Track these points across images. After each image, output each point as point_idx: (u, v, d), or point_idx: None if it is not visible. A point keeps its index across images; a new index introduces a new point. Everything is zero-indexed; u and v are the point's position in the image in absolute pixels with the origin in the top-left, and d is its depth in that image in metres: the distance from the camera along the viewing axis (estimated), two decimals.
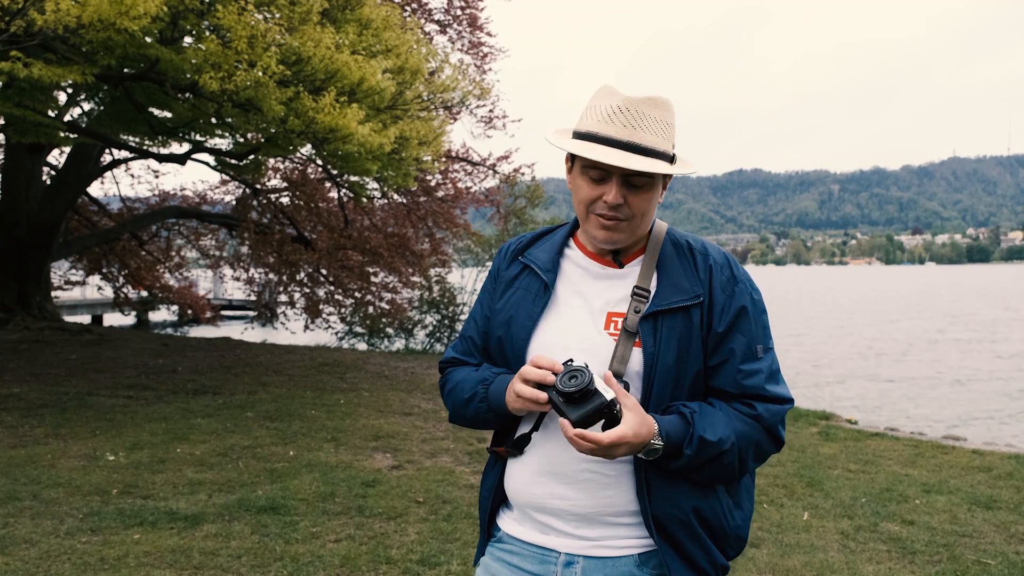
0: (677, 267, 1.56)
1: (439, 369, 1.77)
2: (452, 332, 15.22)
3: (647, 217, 1.55)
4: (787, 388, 1.56)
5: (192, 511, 4.41)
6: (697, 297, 1.52)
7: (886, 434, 7.19)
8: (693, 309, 1.52)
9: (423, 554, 3.91)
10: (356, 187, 11.35)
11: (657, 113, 1.49)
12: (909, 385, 15.24)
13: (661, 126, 1.49)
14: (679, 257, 1.58)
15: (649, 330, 1.50)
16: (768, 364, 1.54)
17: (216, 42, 6.18)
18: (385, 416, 7.10)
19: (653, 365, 1.49)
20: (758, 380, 1.52)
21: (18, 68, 5.72)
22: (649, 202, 1.53)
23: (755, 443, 1.51)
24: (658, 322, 1.50)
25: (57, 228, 12.65)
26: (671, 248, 1.59)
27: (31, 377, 8.29)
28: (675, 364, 1.50)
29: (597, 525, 1.53)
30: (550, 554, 1.55)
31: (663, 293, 1.53)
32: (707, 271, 1.55)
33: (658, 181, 1.53)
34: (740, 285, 1.55)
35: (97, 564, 3.69)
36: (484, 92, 9.71)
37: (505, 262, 1.70)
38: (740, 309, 1.53)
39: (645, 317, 1.50)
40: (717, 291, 1.53)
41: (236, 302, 24.52)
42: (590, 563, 1.52)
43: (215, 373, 9.05)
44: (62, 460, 5.38)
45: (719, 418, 1.48)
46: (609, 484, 1.51)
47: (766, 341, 1.56)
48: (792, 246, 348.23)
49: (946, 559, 4.06)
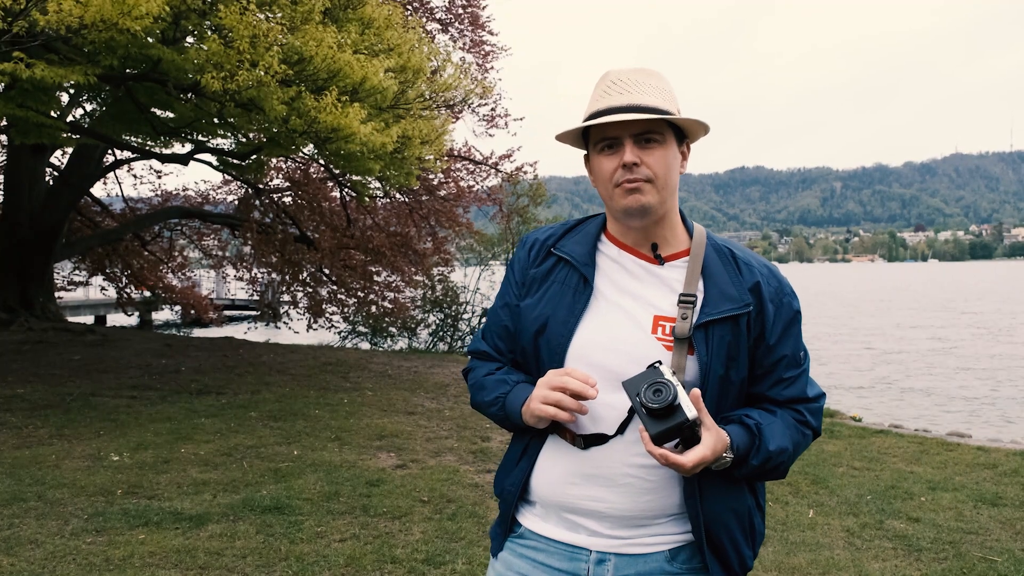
0: (723, 274, 1.53)
1: (469, 354, 1.75)
2: (455, 331, 15.23)
3: (669, 179, 1.51)
4: (816, 384, 1.61)
5: (197, 511, 4.41)
6: (747, 306, 1.51)
7: (890, 431, 7.17)
8: (742, 318, 1.51)
9: (428, 553, 3.91)
10: (358, 186, 11.35)
11: (650, 80, 1.51)
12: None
13: (657, 90, 1.50)
14: (723, 263, 1.56)
15: (702, 339, 1.48)
16: (806, 369, 1.59)
17: (218, 42, 6.18)
18: (389, 415, 7.10)
19: (707, 375, 1.48)
20: (800, 386, 1.56)
21: (20, 69, 5.72)
22: (665, 160, 1.50)
23: (803, 445, 1.58)
24: (709, 331, 1.48)
25: (60, 229, 12.66)
26: (713, 254, 1.57)
27: (35, 378, 8.30)
28: (724, 374, 1.50)
29: (629, 527, 1.51)
30: (580, 552, 1.53)
31: (713, 301, 1.50)
32: (753, 280, 1.54)
33: (670, 140, 1.51)
34: (787, 296, 1.57)
35: (102, 564, 3.69)
36: (486, 91, 9.71)
37: (534, 255, 1.64)
38: (790, 319, 1.56)
39: (699, 326, 1.48)
40: (767, 302, 1.53)
41: (239, 302, 24.54)
42: (622, 560, 1.51)
43: (218, 373, 9.05)
44: (66, 461, 5.39)
45: (779, 428, 1.52)
46: (651, 489, 1.50)
47: (805, 349, 1.60)
48: (794, 244, 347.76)
49: (952, 556, 4.05)
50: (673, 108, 1.51)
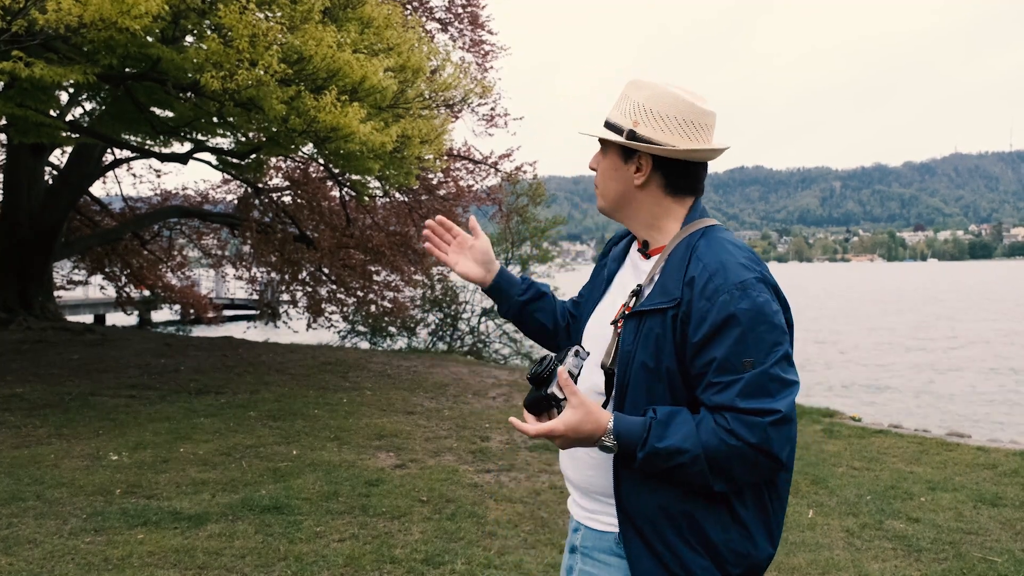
0: (675, 268, 1.55)
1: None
2: (454, 330, 15.23)
3: (607, 187, 1.69)
4: (778, 400, 1.43)
5: (196, 511, 4.40)
6: (673, 301, 1.51)
7: (890, 431, 7.17)
8: (669, 311, 1.51)
9: (427, 553, 3.90)
10: (358, 186, 11.33)
11: (631, 92, 1.63)
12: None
13: (628, 103, 1.62)
14: (680, 258, 1.56)
15: (632, 328, 1.56)
16: (754, 377, 1.43)
17: (217, 41, 6.17)
18: (388, 415, 7.09)
19: (629, 362, 1.54)
20: (729, 394, 1.44)
21: (20, 68, 5.71)
22: (605, 172, 1.68)
23: (736, 457, 1.43)
24: (641, 321, 1.55)
25: (59, 228, 12.64)
26: (680, 248, 1.58)
27: (34, 377, 8.30)
28: (652, 364, 1.51)
29: (589, 499, 1.66)
30: (571, 520, 1.74)
31: (652, 293, 1.57)
32: (690, 276, 1.51)
33: (613, 152, 1.65)
34: (725, 295, 1.46)
35: (101, 564, 3.69)
36: (486, 90, 9.69)
37: (601, 252, 1.88)
38: (724, 319, 1.45)
39: (631, 315, 1.57)
40: (697, 298, 1.48)
41: (238, 301, 24.53)
42: (588, 533, 1.66)
43: (218, 372, 9.05)
44: (65, 460, 5.38)
45: (683, 428, 1.45)
46: (593, 464, 1.62)
47: (759, 355, 1.44)
48: (794, 243, 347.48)
49: (952, 557, 4.05)
50: (628, 119, 1.61)
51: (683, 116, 1.58)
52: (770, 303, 1.49)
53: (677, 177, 1.63)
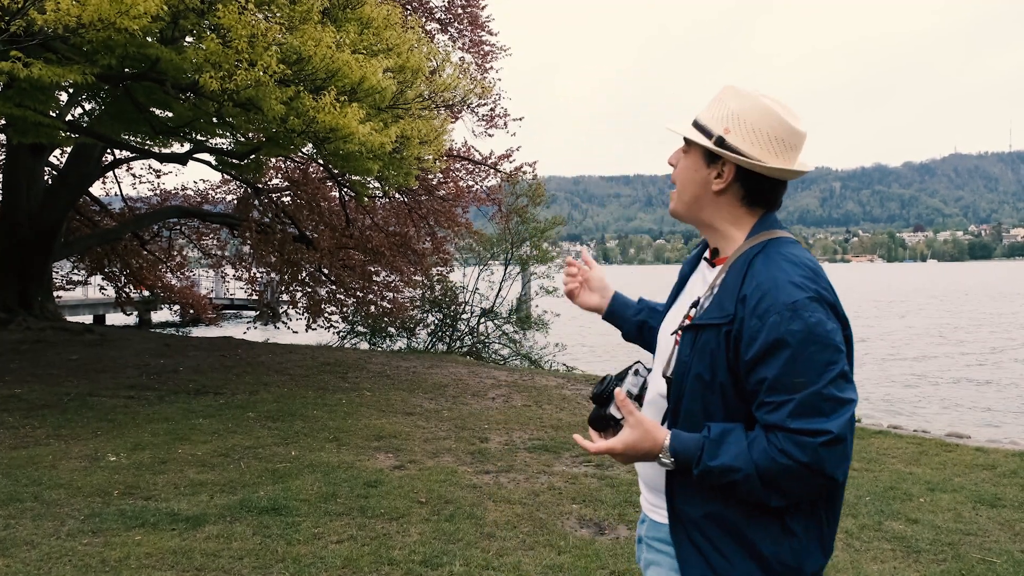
0: (731, 284, 1.55)
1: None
2: (454, 331, 15.20)
3: (685, 188, 1.67)
4: (831, 420, 1.42)
5: (194, 512, 4.39)
6: (727, 318, 1.51)
7: (889, 432, 7.16)
8: (723, 328, 1.52)
9: (425, 555, 3.90)
10: (357, 186, 11.33)
11: (728, 98, 1.61)
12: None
13: (723, 108, 1.61)
14: (738, 272, 1.56)
15: (689, 340, 1.57)
16: (806, 397, 1.43)
17: (216, 41, 6.17)
18: (387, 416, 7.08)
19: (684, 374, 1.56)
20: (780, 414, 1.44)
21: (18, 68, 5.70)
22: (685, 171, 1.66)
23: (789, 476, 1.44)
24: (698, 334, 1.56)
25: (59, 228, 12.63)
26: (740, 263, 1.57)
27: (32, 377, 8.29)
28: (707, 377, 1.52)
29: (653, 493, 1.70)
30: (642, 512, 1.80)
31: (710, 307, 1.56)
32: (743, 293, 1.51)
33: (696, 152, 1.63)
34: (778, 315, 1.45)
35: (98, 566, 3.68)
36: (485, 91, 9.70)
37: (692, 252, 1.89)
38: (774, 341, 1.44)
39: (689, 327, 1.58)
40: (749, 317, 1.48)
41: (238, 302, 24.51)
42: (651, 524, 1.72)
43: (216, 373, 9.04)
44: (63, 461, 5.37)
45: (735, 447, 1.47)
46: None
47: (811, 376, 1.43)
48: None
49: (951, 558, 4.04)
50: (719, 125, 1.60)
51: (775, 133, 1.57)
52: (824, 323, 1.46)
53: (757, 191, 1.62)
